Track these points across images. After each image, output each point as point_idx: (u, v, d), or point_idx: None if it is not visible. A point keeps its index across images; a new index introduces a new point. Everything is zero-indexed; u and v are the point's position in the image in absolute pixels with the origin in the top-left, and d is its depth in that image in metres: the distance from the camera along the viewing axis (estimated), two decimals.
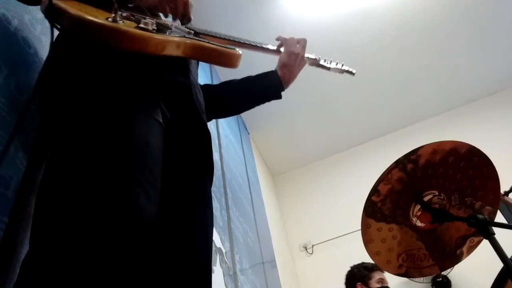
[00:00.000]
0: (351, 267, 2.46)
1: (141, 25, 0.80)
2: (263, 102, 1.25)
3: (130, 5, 0.89)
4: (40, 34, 1.07)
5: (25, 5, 1.03)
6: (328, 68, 1.33)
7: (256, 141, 3.74)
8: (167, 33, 0.86)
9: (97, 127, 0.71)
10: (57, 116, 0.76)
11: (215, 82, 2.63)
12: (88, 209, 0.61)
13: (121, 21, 0.77)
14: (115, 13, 0.76)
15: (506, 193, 2.08)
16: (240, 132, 3.19)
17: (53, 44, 0.87)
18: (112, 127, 0.71)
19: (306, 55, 1.28)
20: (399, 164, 1.26)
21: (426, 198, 1.30)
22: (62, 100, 0.76)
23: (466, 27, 3.09)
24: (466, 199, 1.30)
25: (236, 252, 1.95)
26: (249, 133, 3.56)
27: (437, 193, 1.30)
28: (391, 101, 3.59)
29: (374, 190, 1.27)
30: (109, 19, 0.75)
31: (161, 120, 0.80)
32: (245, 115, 3.43)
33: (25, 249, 0.80)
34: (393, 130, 3.84)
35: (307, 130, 3.71)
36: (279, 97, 1.23)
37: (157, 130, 0.78)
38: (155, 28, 0.83)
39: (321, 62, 1.32)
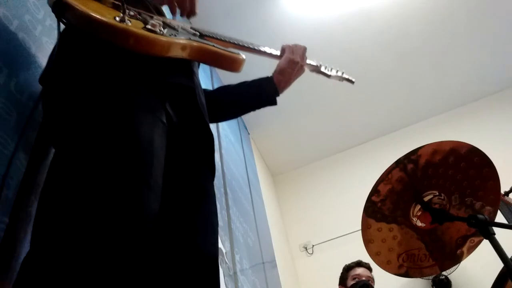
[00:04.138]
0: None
1: (149, 26, 0.80)
2: (258, 108, 1.26)
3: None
4: (40, 35, 1.07)
5: (26, 6, 1.03)
6: (329, 76, 1.35)
7: (256, 141, 3.73)
8: (174, 34, 0.86)
9: (101, 126, 0.70)
10: (61, 113, 0.76)
11: (215, 83, 2.63)
12: (93, 209, 0.61)
13: (129, 21, 0.77)
14: (124, 13, 0.76)
15: (506, 193, 2.08)
16: (240, 132, 3.19)
17: (60, 39, 0.87)
18: (117, 125, 0.71)
19: (308, 61, 1.29)
20: (399, 164, 1.26)
21: (426, 198, 1.30)
22: (66, 97, 0.76)
23: (466, 28, 3.09)
24: (466, 199, 1.30)
25: (236, 252, 1.95)
26: (249, 133, 3.56)
27: (437, 193, 1.30)
28: (391, 101, 3.59)
29: (374, 190, 1.27)
30: (117, 18, 0.75)
31: (164, 120, 0.81)
32: (245, 115, 3.43)
33: (25, 249, 0.80)
34: (393, 130, 3.84)
35: (307, 130, 3.71)
36: (274, 103, 1.24)
37: (161, 129, 0.78)
38: (162, 29, 0.83)
39: (322, 69, 1.34)
